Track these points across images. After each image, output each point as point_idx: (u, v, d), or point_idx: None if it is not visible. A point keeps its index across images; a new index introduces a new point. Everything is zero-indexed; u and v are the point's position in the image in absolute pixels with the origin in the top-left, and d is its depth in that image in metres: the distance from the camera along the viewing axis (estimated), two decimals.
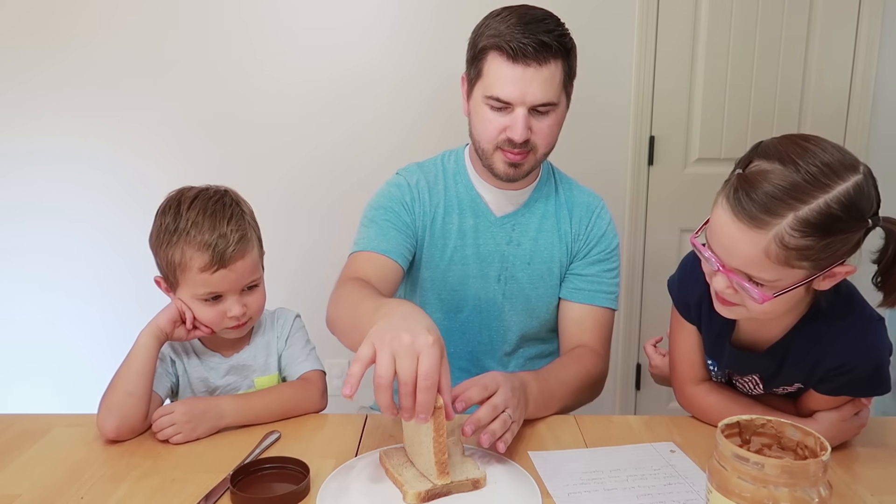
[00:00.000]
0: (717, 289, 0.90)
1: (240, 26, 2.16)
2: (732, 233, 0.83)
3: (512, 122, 1.14)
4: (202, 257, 1.05)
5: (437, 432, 0.82)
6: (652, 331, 1.75)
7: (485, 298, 1.29)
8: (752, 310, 0.88)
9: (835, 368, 0.93)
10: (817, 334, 0.94)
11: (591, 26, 2.18)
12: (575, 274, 1.30)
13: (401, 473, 0.88)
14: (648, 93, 2.24)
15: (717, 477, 0.67)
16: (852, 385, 0.95)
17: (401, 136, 2.20)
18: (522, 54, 1.10)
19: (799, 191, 0.79)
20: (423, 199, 1.27)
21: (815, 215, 0.79)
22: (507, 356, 1.34)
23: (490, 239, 1.28)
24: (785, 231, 0.80)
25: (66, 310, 2.31)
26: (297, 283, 2.02)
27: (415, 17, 2.10)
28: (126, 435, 1.02)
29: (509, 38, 1.10)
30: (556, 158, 1.30)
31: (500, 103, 1.14)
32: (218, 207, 1.09)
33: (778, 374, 1.01)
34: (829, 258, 0.83)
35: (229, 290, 1.08)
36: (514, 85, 1.12)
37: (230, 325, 1.10)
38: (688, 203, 2.30)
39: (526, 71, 1.11)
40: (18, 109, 2.19)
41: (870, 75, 2.25)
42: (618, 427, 1.08)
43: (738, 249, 0.84)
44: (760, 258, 0.82)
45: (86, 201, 2.25)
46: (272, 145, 2.25)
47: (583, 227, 1.30)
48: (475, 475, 0.88)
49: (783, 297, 0.85)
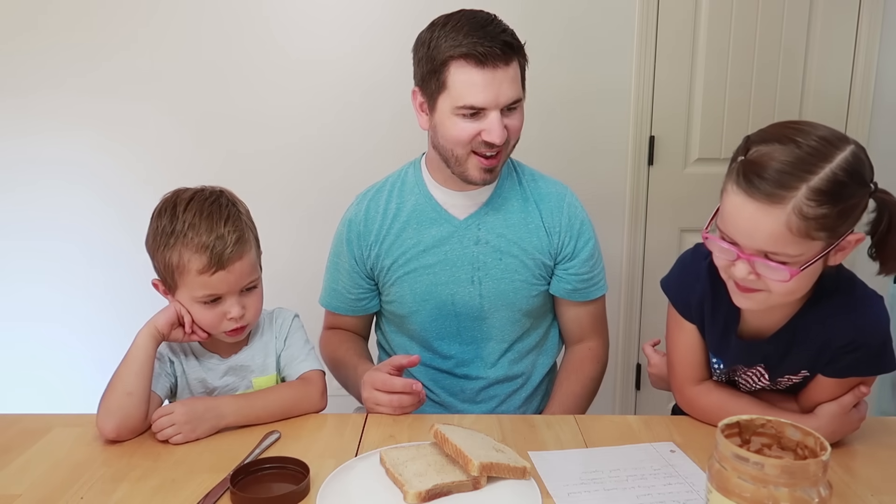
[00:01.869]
0: (739, 276, 0.90)
1: (223, 25, 2.14)
2: (751, 214, 0.85)
3: (488, 125, 1.15)
4: (200, 259, 1.04)
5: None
6: (651, 330, 1.75)
7: (461, 303, 1.29)
8: (775, 292, 0.89)
9: (843, 347, 0.94)
10: (822, 315, 0.95)
11: (591, 26, 2.18)
12: (572, 274, 1.31)
13: (401, 473, 0.88)
14: (648, 93, 2.24)
15: (717, 477, 0.67)
16: (860, 363, 0.95)
17: (382, 132, 2.19)
18: (491, 58, 1.11)
19: (805, 163, 0.83)
20: (369, 229, 1.31)
21: (825, 184, 0.83)
22: (496, 355, 1.34)
23: (456, 244, 1.28)
24: (802, 202, 0.83)
25: (66, 310, 2.31)
26: (286, 281, 2.02)
27: (400, 15, 2.11)
28: (126, 435, 1.02)
29: (474, 45, 1.11)
30: (556, 158, 1.31)
31: (472, 110, 1.14)
32: (214, 209, 1.07)
33: (784, 360, 1.01)
34: (842, 226, 0.86)
35: (228, 292, 1.07)
36: (487, 90, 1.12)
37: (229, 327, 1.09)
38: (688, 203, 2.30)
39: (495, 74, 1.12)
40: (15, 112, 2.19)
41: (870, 76, 2.25)
42: (618, 427, 1.08)
43: (760, 229, 0.85)
44: (783, 233, 0.84)
45: (85, 201, 2.25)
46: (259, 141, 2.24)
47: (559, 219, 1.30)
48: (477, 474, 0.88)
49: (805, 273, 0.87)
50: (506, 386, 1.35)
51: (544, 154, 1.98)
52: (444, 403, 1.35)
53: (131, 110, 2.19)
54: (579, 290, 1.32)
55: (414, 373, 1.35)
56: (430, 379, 1.35)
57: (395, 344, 1.39)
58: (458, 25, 1.13)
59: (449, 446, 0.90)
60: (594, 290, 1.34)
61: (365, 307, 1.37)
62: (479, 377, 1.34)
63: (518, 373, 1.35)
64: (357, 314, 1.38)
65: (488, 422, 1.10)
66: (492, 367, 1.34)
